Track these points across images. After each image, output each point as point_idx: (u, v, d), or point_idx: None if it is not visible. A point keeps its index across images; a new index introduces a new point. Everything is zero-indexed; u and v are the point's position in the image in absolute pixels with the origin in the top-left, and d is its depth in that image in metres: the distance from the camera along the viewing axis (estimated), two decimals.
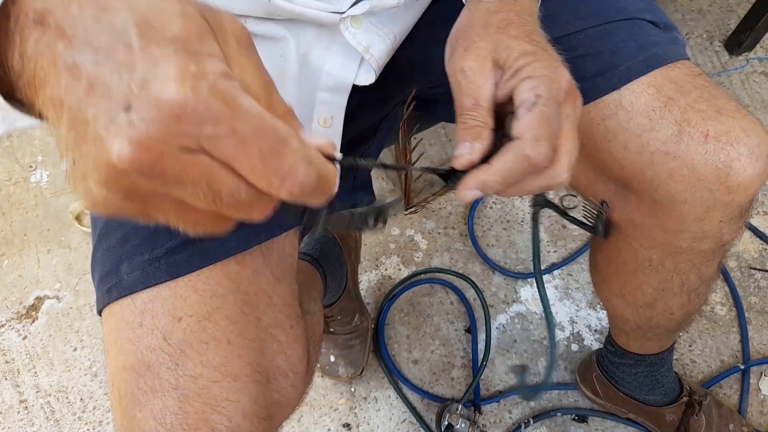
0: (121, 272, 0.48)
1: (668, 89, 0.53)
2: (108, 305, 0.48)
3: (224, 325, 0.48)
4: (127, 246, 0.48)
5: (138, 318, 0.46)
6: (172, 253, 0.48)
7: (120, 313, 0.47)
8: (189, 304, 0.47)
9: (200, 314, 0.47)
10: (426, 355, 1.07)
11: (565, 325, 1.08)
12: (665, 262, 0.62)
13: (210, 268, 0.49)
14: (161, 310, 0.47)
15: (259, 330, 0.50)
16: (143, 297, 0.47)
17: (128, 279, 0.47)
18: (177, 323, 0.46)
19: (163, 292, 0.47)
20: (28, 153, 1.39)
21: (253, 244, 0.51)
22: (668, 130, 0.51)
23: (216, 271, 0.49)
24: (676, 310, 0.70)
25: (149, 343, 0.45)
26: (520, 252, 1.15)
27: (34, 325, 1.17)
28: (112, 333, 0.48)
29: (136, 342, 0.46)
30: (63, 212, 1.29)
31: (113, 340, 0.47)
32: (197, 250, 0.49)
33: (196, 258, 0.48)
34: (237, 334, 0.48)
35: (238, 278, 0.50)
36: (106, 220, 0.51)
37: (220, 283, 0.49)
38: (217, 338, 0.47)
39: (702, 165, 0.51)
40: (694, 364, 1.03)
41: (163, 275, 0.47)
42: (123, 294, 0.47)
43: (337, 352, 1.02)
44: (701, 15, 1.38)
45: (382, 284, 1.14)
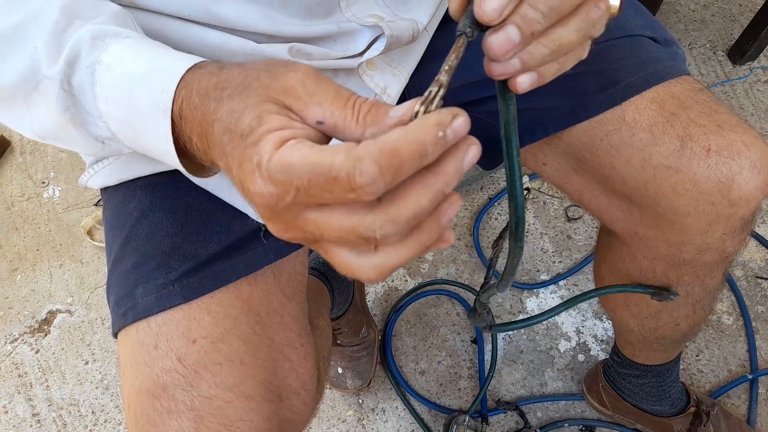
0: (136, 296, 0.49)
1: (670, 104, 0.54)
2: (123, 328, 0.50)
3: (237, 345, 0.49)
4: (141, 270, 0.50)
5: (153, 341, 0.48)
6: (185, 276, 0.49)
7: (135, 336, 0.49)
8: (203, 326, 0.48)
9: (214, 336, 0.48)
10: (433, 366, 1.08)
11: (571, 335, 1.08)
12: (669, 274, 0.63)
13: (222, 290, 0.50)
14: (176, 332, 0.48)
15: (271, 349, 0.52)
16: (158, 320, 0.48)
17: (143, 303, 0.48)
18: (191, 345, 0.48)
19: (177, 314, 0.48)
20: (40, 169, 1.41)
21: (264, 265, 0.53)
22: (671, 145, 0.52)
23: (228, 292, 0.50)
24: (681, 321, 0.70)
25: (164, 365, 0.47)
26: (525, 262, 1.15)
27: (47, 339, 1.19)
28: (128, 356, 0.49)
29: (151, 364, 0.47)
30: (75, 227, 1.31)
31: (129, 363, 0.48)
32: (210, 272, 0.50)
33: (208, 280, 0.50)
34: (250, 355, 0.49)
35: (249, 299, 0.51)
36: (120, 244, 0.52)
37: (233, 304, 0.50)
38: (230, 359, 0.48)
39: (704, 179, 0.51)
40: (702, 374, 1.04)
41: (177, 298, 0.48)
42: (138, 318, 0.48)
43: (345, 364, 1.03)
44: (704, 25, 1.39)
45: (389, 296, 1.15)
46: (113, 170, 0.53)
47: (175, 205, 0.51)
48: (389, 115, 0.29)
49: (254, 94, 0.30)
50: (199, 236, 0.51)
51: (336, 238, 0.28)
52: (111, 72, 0.35)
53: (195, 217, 0.51)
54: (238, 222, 0.52)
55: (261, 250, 0.53)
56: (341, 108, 0.29)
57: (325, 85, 0.30)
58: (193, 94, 0.32)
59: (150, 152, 0.36)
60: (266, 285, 0.53)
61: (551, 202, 1.21)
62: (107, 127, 0.37)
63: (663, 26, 0.62)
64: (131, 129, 0.35)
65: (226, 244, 0.51)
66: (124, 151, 0.40)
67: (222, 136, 0.29)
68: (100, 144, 0.39)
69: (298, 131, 0.28)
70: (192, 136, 0.33)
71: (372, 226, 0.27)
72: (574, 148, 0.59)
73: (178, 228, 0.51)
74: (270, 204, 0.28)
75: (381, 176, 0.25)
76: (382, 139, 0.26)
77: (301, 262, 0.60)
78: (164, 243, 0.50)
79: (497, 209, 1.21)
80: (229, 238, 0.51)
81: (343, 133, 0.29)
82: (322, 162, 0.26)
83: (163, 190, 0.52)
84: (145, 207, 0.52)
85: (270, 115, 0.29)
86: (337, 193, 0.26)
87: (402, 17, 0.52)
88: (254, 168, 0.28)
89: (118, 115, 0.35)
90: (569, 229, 1.18)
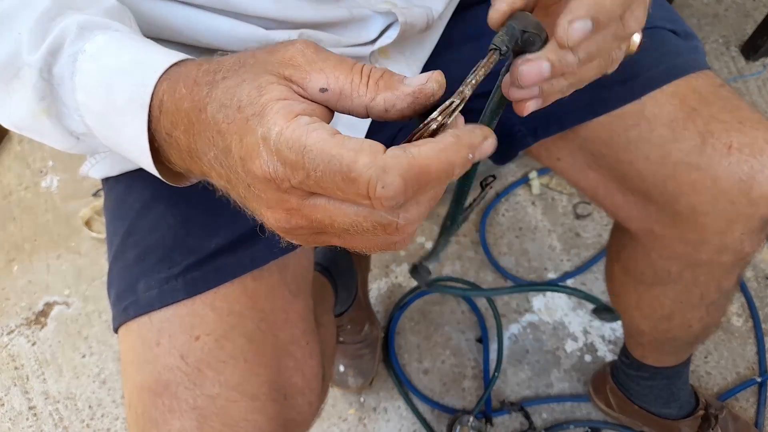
0: (137, 290, 0.47)
1: (691, 100, 0.52)
2: (125, 324, 0.48)
3: (241, 343, 0.47)
4: (143, 264, 0.48)
5: (155, 337, 0.46)
6: (189, 271, 0.47)
7: (137, 331, 0.47)
8: (206, 322, 0.47)
9: (218, 332, 0.47)
10: (437, 365, 1.06)
11: (578, 335, 1.07)
12: (684, 274, 0.62)
13: (227, 286, 0.48)
14: (179, 328, 0.46)
15: (276, 347, 0.50)
16: (160, 316, 0.46)
17: (145, 297, 0.47)
18: (194, 342, 0.46)
19: (180, 310, 0.46)
20: (39, 158, 1.39)
21: (269, 260, 0.51)
22: (691, 141, 0.51)
23: (233, 288, 0.48)
24: (694, 323, 0.69)
25: (167, 362, 0.45)
26: (532, 260, 1.14)
27: (43, 331, 1.17)
28: (129, 352, 0.47)
29: (153, 361, 0.45)
30: (73, 218, 1.29)
31: (130, 360, 0.47)
32: (214, 267, 0.48)
33: (212, 275, 0.48)
34: (254, 353, 0.48)
35: (254, 295, 0.50)
36: (122, 237, 0.50)
37: (237, 300, 0.48)
38: (234, 357, 0.46)
39: (725, 177, 0.50)
40: (710, 376, 1.02)
41: (180, 293, 0.47)
42: (140, 312, 0.47)
43: (347, 361, 1.01)
44: (717, 20, 1.37)
45: (393, 292, 1.13)
46: (115, 160, 0.51)
47: (179, 198, 0.49)
48: (405, 82, 0.27)
49: (251, 69, 0.27)
50: (202, 230, 0.49)
51: (350, 226, 0.26)
52: (93, 62, 0.32)
53: (199, 210, 0.49)
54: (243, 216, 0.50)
55: (266, 246, 0.51)
56: (346, 72, 0.27)
57: (325, 54, 0.28)
58: (179, 85, 0.29)
59: (124, 150, 0.34)
60: (271, 281, 0.51)
61: (560, 199, 1.19)
62: (83, 122, 0.34)
63: (682, 19, 0.60)
64: (107, 124, 0.33)
65: (231, 239, 0.49)
66: (99, 150, 0.38)
67: (216, 114, 0.27)
68: (74, 139, 0.36)
69: (306, 106, 0.26)
70: (173, 131, 0.30)
71: (391, 217, 0.25)
72: (590, 143, 0.57)
73: (182, 221, 0.49)
74: (274, 183, 0.25)
75: (404, 192, 0.24)
76: (414, 153, 0.24)
77: (306, 257, 0.58)
78: (167, 236, 0.48)
79: (504, 205, 1.19)
80: (234, 232, 0.49)
81: (350, 98, 0.27)
82: (342, 158, 0.24)
83: None
84: (147, 199, 0.50)
85: (270, 85, 0.26)
86: (350, 195, 0.25)
87: (416, 4, 0.50)
88: (259, 141, 0.25)
89: (95, 108, 0.33)
90: (578, 227, 1.16)
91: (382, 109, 0.27)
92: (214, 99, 0.27)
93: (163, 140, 0.31)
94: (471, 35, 0.56)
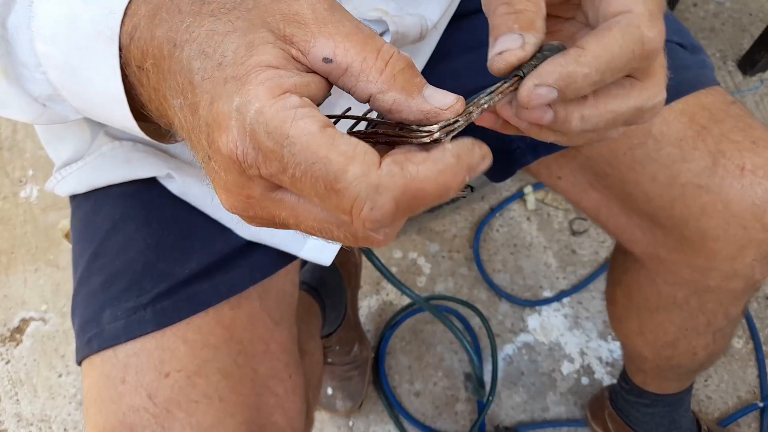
0: (102, 321, 0.43)
1: (701, 117, 0.49)
2: (88, 357, 0.44)
3: (216, 380, 0.43)
4: (109, 291, 0.44)
5: (120, 373, 0.42)
6: (159, 300, 0.43)
7: (101, 366, 0.43)
8: (177, 357, 0.43)
9: (190, 369, 0.43)
10: (428, 387, 1.02)
11: (575, 356, 1.03)
12: (691, 301, 0.59)
13: (201, 316, 0.44)
14: (146, 364, 0.42)
15: (255, 383, 0.46)
16: (126, 349, 0.42)
17: (110, 329, 0.43)
18: (164, 379, 0.42)
19: (148, 344, 0.42)
20: (18, 167, 1.34)
21: (249, 285, 0.47)
22: (701, 162, 0.48)
23: (208, 318, 0.45)
24: (699, 350, 0.66)
25: (132, 402, 0.41)
26: (527, 278, 1.10)
27: (18, 348, 1.12)
28: (92, 389, 0.43)
29: (117, 401, 0.41)
30: (52, 229, 1.24)
31: (93, 398, 0.42)
32: (187, 295, 0.44)
33: (185, 304, 0.44)
34: (230, 390, 0.44)
35: (232, 325, 0.46)
36: (87, 260, 0.46)
37: (213, 331, 0.45)
38: (208, 395, 0.42)
39: (737, 200, 0.48)
40: (710, 401, 0.99)
41: (149, 325, 0.43)
42: (104, 346, 0.43)
43: (335, 384, 0.97)
44: (714, 34, 1.35)
45: (383, 310, 1.09)
46: (83, 176, 0.47)
47: (150, 218, 0.46)
48: (424, 93, 0.23)
49: (246, 15, 0.23)
50: (175, 253, 0.45)
51: (318, 231, 0.23)
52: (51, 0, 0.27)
53: (172, 232, 0.46)
54: (221, 238, 0.46)
55: (246, 269, 0.47)
56: (360, 47, 0.23)
57: (341, 15, 0.23)
58: (161, 11, 0.24)
59: (96, 109, 0.29)
60: (251, 309, 0.48)
61: (555, 215, 1.16)
62: (47, 80, 0.29)
63: (689, 32, 0.58)
64: (72, 75, 0.28)
65: (207, 263, 0.45)
66: (70, 118, 0.32)
67: (192, 61, 0.22)
68: (40, 106, 0.31)
69: (298, 80, 0.22)
70: (144, 62, 0.24)
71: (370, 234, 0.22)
72: (593, 162, 0.54)
73: (153, 243, 0.45)
74: (239, 166, 0.21)
75: (392, 216, 0.21)
76: (412, 173, 0.21)
77: (290, 281, 0.54)
78: (136, 260, 0.44)
79: (499, 220, 1.16)
80: (211, 256, 0.46)
81: (355, 79, 0.23)
82: (330, 162, 0.20)
83: (138, 200, 0.46)
84: (116, 218, 0.46)
85: (264, 46, 0.22)
86: (328, 204, 0.21)
87: (409, 12, 0.47)
88: (232, 112, 0.21)
89: (58, 58, 0.27)
90: (574, 244, 1.13)
91: (386, 109, 0.23)
92: (194, 40, 0.23)
93: (135, 78, 0.26)
94: (468, 46, 0.52)
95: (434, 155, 0.22)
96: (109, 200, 0.47)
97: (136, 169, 0.45)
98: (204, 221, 0.46)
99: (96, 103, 0.28)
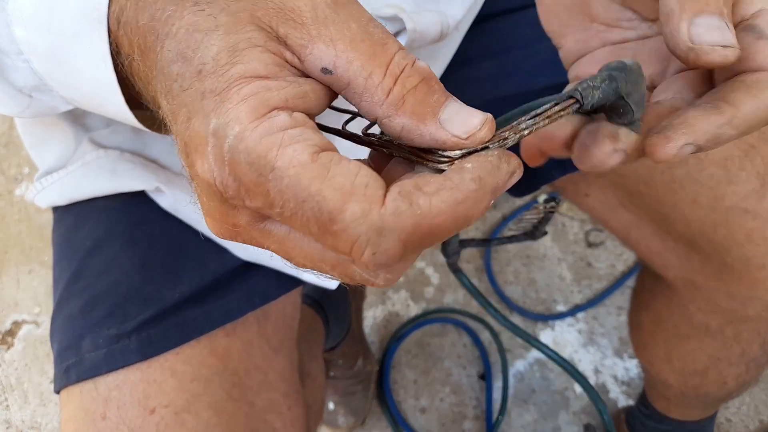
0: (82, 349, 0.39)
1: (749, 136, 0.45)
2: (66, 387, 0.40)
3: (207, 416, 0.39)
4: (90, 316, 0.39)
5: (101, 408, 0.38)
6: (145, 327, 0.39)
7: (80, 399, 0.39)
8: (164, 391, 0.38)
9: (178, 404, 0.38)
10: (435, 404, 0.98)
11: (589, 374, 0.98)
12: (725, 330, 0.55)
13: (192, 345, 0.40)
14: (129, 398, 0.38)
15: (251, 418, 0.42)
16: (108, 382, 0.38)
17: (90, 358, 0.38)
18: (148, 416, 0.38)
19: (132, 375, 0.38)
20: (14, 164, 1.30)
21: (246, 312, 0.43)
22: (749, 184, 0.45)
23: (199, 347, 0.40)
24: (730, 380, 0.62)
25: None
26: (540, 291, 1.06)
27: (10, 352, 1.08)
28: (70, 424, 0.39)
29: None
30: (48, 229, 1.21)
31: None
32: (177, 322, 0.40)
33: (175, 332, 0.40)
34: (223, 427, 0.39)
35: (226, 355, 0.41)
36: (67, 280, 0.42)
37: (204, 362, 0.40)
38: None
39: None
40: (730, 424, 0.94)
41: (133, 355, 0.38)
42: (83, 377, 0.38)
43: (337, 399, 0.93)
44: None
45: (389, 322, 1.05)
46: (65, 186, 0.43)
47: (137, 235, 0.41)
48: (441, 117, 0.19)
49: (233, 8, 0.19)
50: (165, 275, 0.41)
51: (311, 266, 0.20)
52: None
53: (161, 251, 0.41)
54: (216, 259, 0.42)
55: (243, 293, 0.43)
56: (365, 58, 0.19)
57: (347, 14, 0.19)
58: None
59: (87, 97, 0.25)
60: (248, 335, 0.43)
61: (570, 225, 1.11)
62: (30, 69, 0.26)
63: None
64: (57, 62, 0.25)
65: (199, 287, 0.41)
66: (59, 109, 0.29)
67: (171, 64, 0.19)
68: (26, 98, 0.28)
69: (290, 90, 0.18)
70: (132, 53, 0.22)
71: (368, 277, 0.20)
72: (626, 180, 0.50)
73: (139, 264, 0.41)
74: (219, 195, 0.18)
75: (399, 258, 0.17)
76: (423, 207, 0.17)
77: (291, 302, 0.50)
78: (120, 282, 0.40)
79: (511, 231, 1.12)
80: (203, 278, 0.41)
81: (359, 97, 0.19)
82: (324, 200, 0.17)
83: (123, 215, 0.42)
84: (99, 235, 0.42)
85: (251, 50, 0.18)
86: (323, 243, 0.18)
87: (428, 8, 0.42)
88: (208, 136, 0.18)
89: (40, 45, 0.24)
90: (590, 256, 1.08)
91: (395, 135, 0.19)
92: (174, 35, 0.19)
93: (127, 66, 0.22)
94: (492, 51, 0.48)
95: (451, 181, 0.18)
96: (93, 214, 0.43)
97: (122, 180, 0.40)
98: (197, 240, 0.42)
99: (86, 92, 0.25)
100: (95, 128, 0.43)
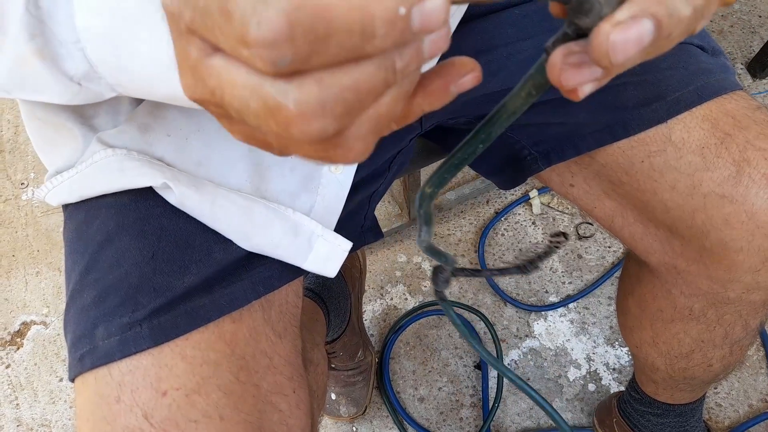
0: (95, 337, 0.41)
1: (725, 124, 0.47)
2: (81, 375, 0.42)
3: (216, 397, 0.41)
4: (103, 306, 0.42)
5: (115, 392, 0.40)
6: (156, 315, 0.42)
7: (94, 385, 0.41)
8: (175, 374, 0.41)
9: (188, 386, 0.41)
10: (433, 393, 1.00)
11: (582, 362, 1.01)
12: (708, 313, 0.57)
13: (200, 331, 0.42)
14: (142, 382, 0.40)
15: (257, 399, 0.44)
16: (121, 367, 0.41)
17: (104, 346, 0.41)
18: (161, 398, 0.40)
19: (144, 361, 0.41)
20: (20, 169, 1.33)
21: (251, 300, 0.45)
22: (725, 171, 0.46)
23: (207, 333, 0.43)
24: (715, 362, 0.64)
25: (127, 422, 0.39)
26: (533, 283, 1.08)
27: (19, 352, 1.11)
28: (85, 408, 0.41)
29: (111, 421, 0.39)
30: (54, 232, 1.23)
31: (86, 417, 0.41)
32: (186, 309, 0.42)
33: (184, 319, 0.42)
34: (231, 408, 0.42)
35: (233, 340, 0.44)
36: (80, 273, 0.44)
37: (213, 347, 0.43)
38: (207, 414, 0.41)
39: (763, 211, 0.46)
40: (720, 408, 0.97)
41: (145, 341, 0.41)
42: (98, 364, 0.41)
43: (339, 389, 0.95)
44: (722, 36, 1.32)
45: (387, 315, 1.08)
46: (74, 185, 0.45)
47: (146, 229, 0.44)
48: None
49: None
50: (173, 266, 0.43)
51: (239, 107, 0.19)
52: None
53: (169, 244, 0.44)
54: (221, 249, 0.44)
55: (247, 282, 0.45)
56: None
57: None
58: None
59: (136, 79, 0.27)
60: (253, 322, 0.46)
61: (561, 219, 1.14)
62: (84, 57, 0.28)
63: (709, 34, 0.56)
64: (113, 47, 0.27)
65: (206, 276, 0.44)
66: (105, 95, 0.31)
67: None
68: (76, 86, 0.30)
69: None
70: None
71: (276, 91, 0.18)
72: (608, 170, 0.52)
73: (149, 256, 0.43)
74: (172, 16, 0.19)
75: (287, 38, 0.16)
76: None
77: (294, 291, 0.52)
78: (131, 274, 0.43)
79: (504, 225, 1.14)
80: (210, 268, 0.44)
81: None
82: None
83: (132, 210, 0.44)
84: (110, 229, 0.44)
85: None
86: (230, 40, 0.17)
87: None
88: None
89: (100, 28, 0.26)
90: (580, 248, 1.11)
91: None
92: None
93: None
94: (477, 49, 0.51)
95: None
96: (102, 210, 0.45)
97: (130, 177, 0.43)
98: (202, 232, 0.44)
99: (140, 74, 0.27)
100: (103, 129, 0.45)
